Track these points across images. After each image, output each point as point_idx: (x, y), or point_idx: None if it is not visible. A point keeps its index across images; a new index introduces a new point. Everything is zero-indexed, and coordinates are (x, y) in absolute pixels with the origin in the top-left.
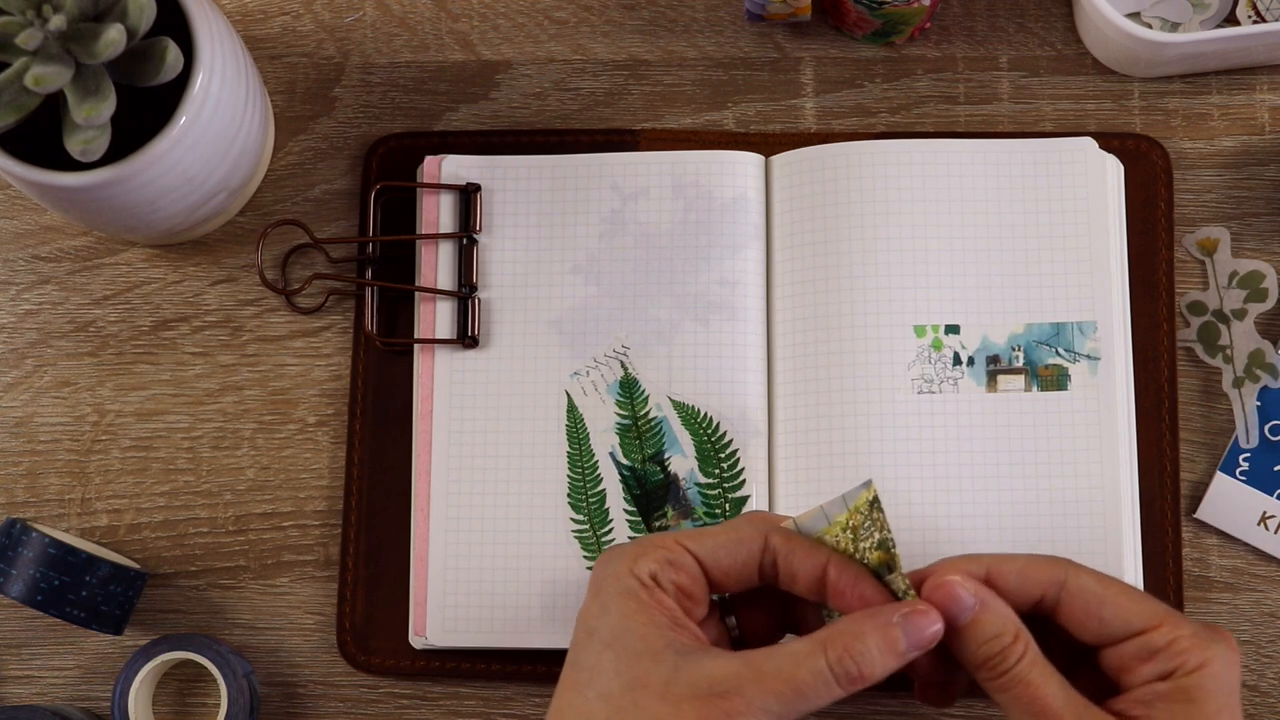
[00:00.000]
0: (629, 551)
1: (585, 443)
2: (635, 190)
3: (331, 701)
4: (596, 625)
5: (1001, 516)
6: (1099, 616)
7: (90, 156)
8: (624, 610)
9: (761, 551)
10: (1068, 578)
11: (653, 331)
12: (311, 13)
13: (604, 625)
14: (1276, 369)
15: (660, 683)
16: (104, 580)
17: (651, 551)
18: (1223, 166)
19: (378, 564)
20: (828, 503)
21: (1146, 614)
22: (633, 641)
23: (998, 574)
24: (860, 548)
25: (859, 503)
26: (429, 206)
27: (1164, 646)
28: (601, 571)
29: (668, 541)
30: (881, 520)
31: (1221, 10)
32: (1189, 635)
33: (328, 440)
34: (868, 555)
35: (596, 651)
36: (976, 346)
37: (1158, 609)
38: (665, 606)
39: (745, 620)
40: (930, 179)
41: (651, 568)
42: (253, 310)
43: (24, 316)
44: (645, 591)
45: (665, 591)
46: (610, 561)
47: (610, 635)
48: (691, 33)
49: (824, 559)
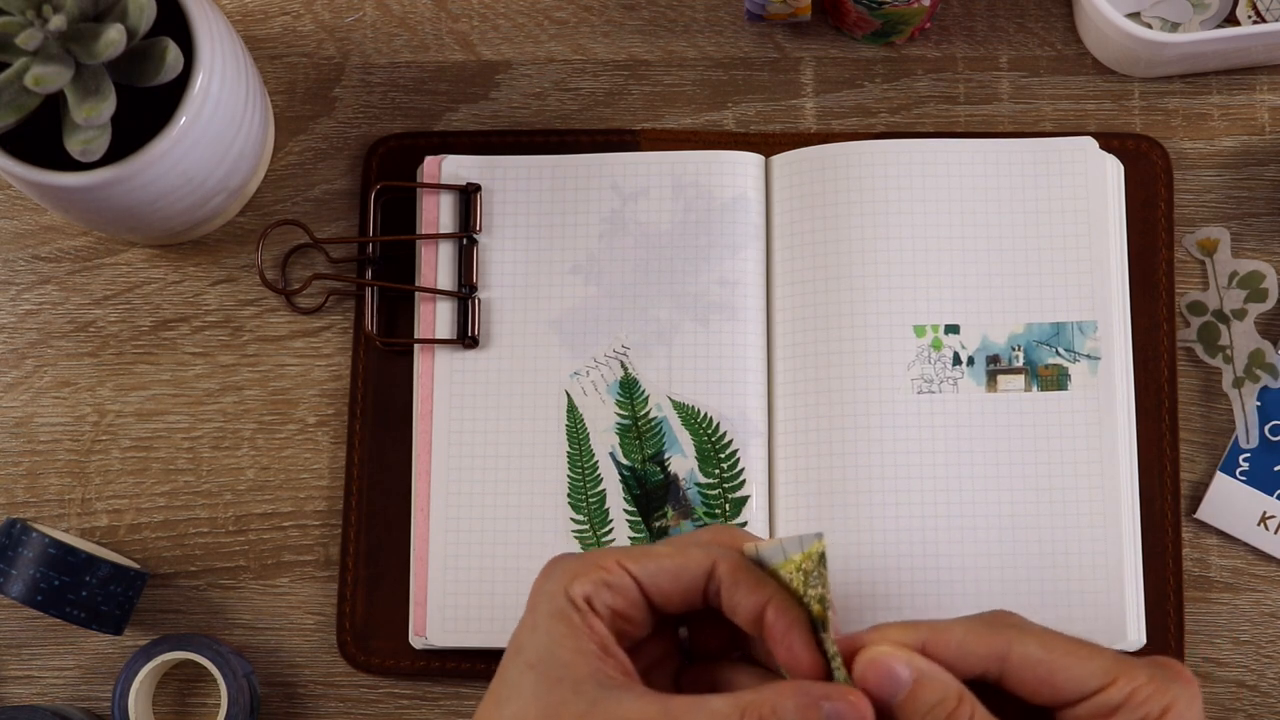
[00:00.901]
0: (569, 569)
1: (585, 443)
2: (635, 190)
3: (331, 701)
4: (525, 643)
5: (1001, 517)
6: (1050, 684)
7: (90, 156)
8: (553, 632)
9: (707, 578)
10: (1010, 649)
11: (653, 331)
12: (311, 13)
13: (531, 644)
14: (1276, 369)
15: (574, 716)
16: (104, 580)
17: (589, 572)
18: (1223, 166)
19: (378, 564)
20: (788, 540)
21: (1099, 672)
22: (556, 667)
23: (935, 646)
24: (808, 594)
25: (811, 550)
26: (429, 206)
27: (1124, 701)
28: (539, 587)
29: (608, 562)
30: (824, 577)
31: (1221, 10)
32: (1146, 683)
33: (328, 440)
34: (812, 604)
35: (520, 670)
36: (976, 346)
37: (1109, 663)
38: (596, 632)
39: (697, 632)
40: (930, 179)
41: (587, 589)
42: (253, 310)
43: (24, 316)
44: (578, 615)
45: (599, 615)
46: (549, 577)
47: (535, 656)
48: (691, 33)
49: (765, 599)
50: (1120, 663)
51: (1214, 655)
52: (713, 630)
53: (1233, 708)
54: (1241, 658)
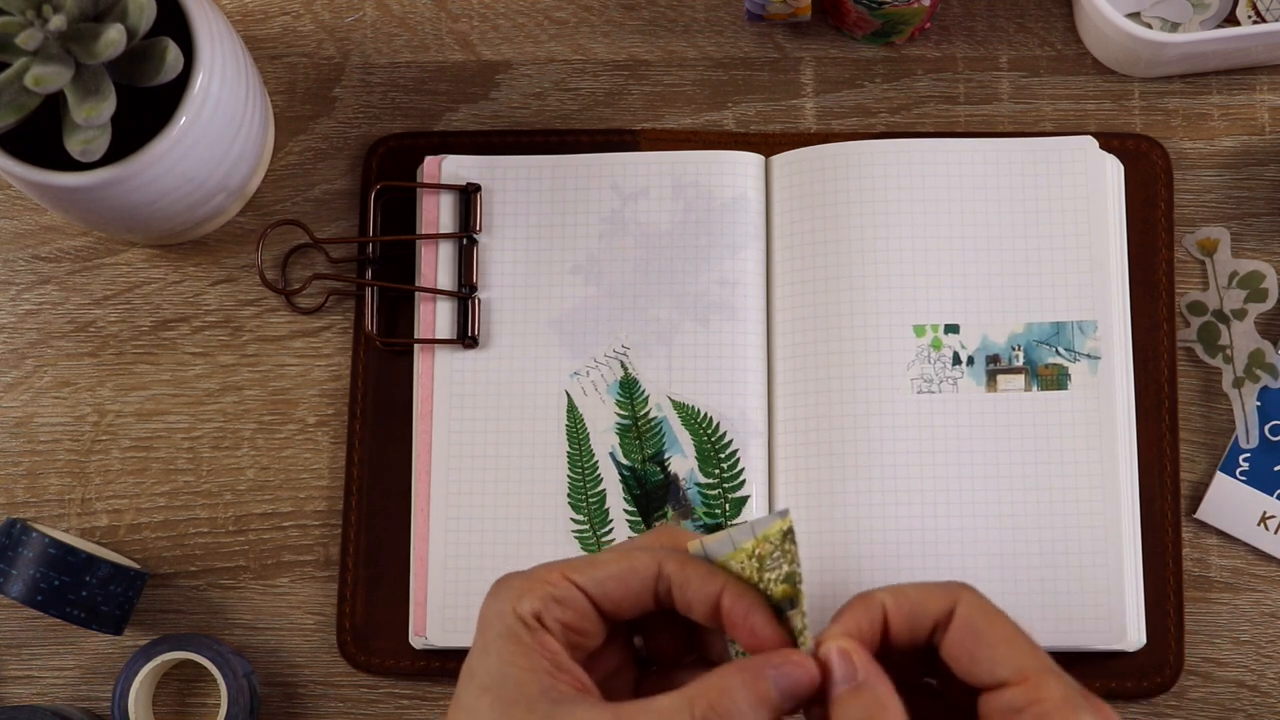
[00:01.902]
0: (515, 587)
1: (585, 443)
2: (635, 190)
3: (331, 701)
4: (476, 667)
5: (1001, 516)
6: (972, 655)
7: (90, 156)
8: (503, 654)
9: (655, 579)
10: (958, 605)
11: (653, 331)
12: (311, 13)
13: (483, 668)
14: (1276, 369)
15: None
16: (104, 580)
17: (536, 588)
18: (1223, 166)
19: (378, 564)
20: (735, 529)
21: (1016, 666)
22: (509, 689)
23: (894, 609)
24: (765, 578)
25: (769, 531)
26: (429, 206)
27: (1025, 706)
28: (487, 609)
29: (554, 576)
30: (793, 553)
31: (1221, 10)
32: (1056, 699)
33: (328, 440)
34: (771, 587)
35: (475, 695)
36: (976, 346)
37: (1030, 663)
38: (548, 649)
39: (652, 640)
40: (930, 179)
41: (535, 606)
42: (253, 310)
43: (24, 316)
44: (528, 633)
45: (550, 631)
46: (496, 597)
47: (488, 679)
48: (691, 33)
49: (719, 587)
50: (1042, 670)
51: (1214, 655)
52: (668, 634)
53: (1233, 708)
54: (1241, 658)
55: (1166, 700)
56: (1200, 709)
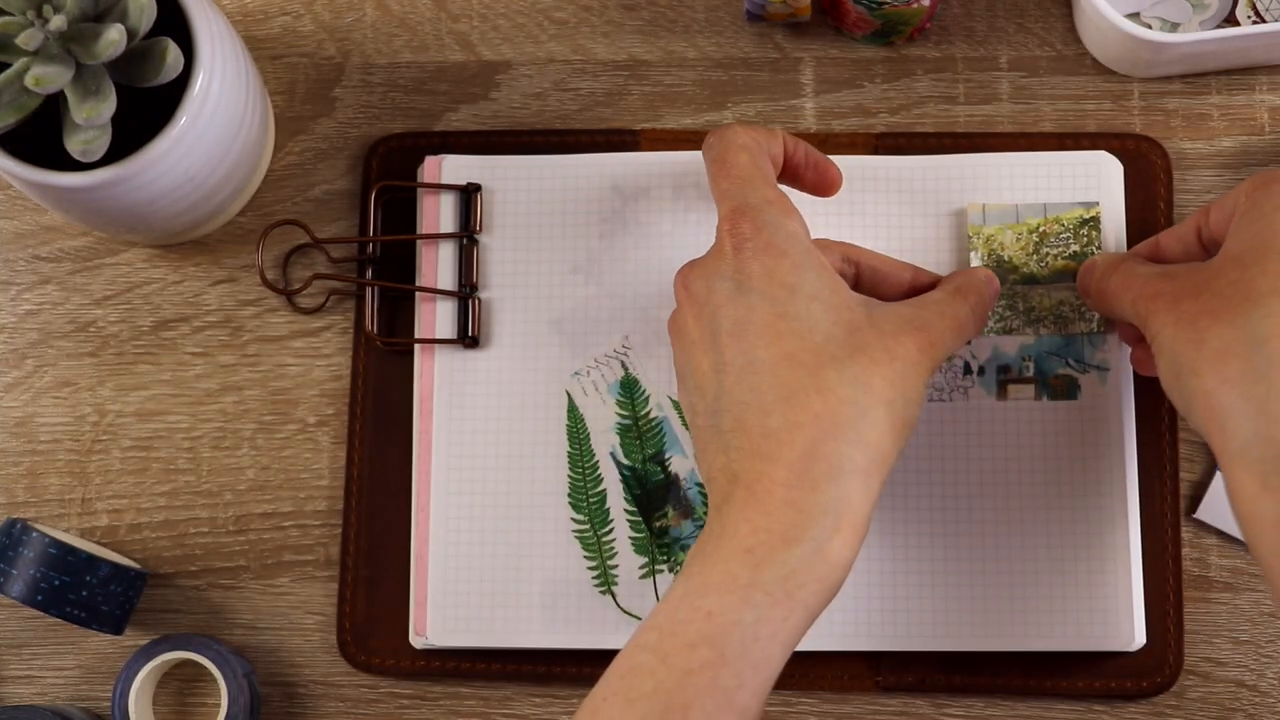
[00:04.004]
0: (792, 212)
1: (586, 442)
2: (635, 190)
3: (331, 701)
4: (797, 281)
5: (1009, 522)
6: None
7: (90, 157)
8: (817, 267)
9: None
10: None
11: (653, 331)
12: (311, 13)
13: (805, 281)
14: None
15: (870, 324)
16: (104, 580)
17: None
18: (1223, 167)
19: (378, 564)
20: (1026, 206)
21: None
22: (831, 295)
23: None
24: (1043, 253)
25: (1067, 216)
26: (429, 206)
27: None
28: (775, 233)
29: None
30: (1094, 238)
31: (1221, 10)
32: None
33: (328, 440)
34: (1046, 262)
35: (804, 303)
36: (987, 356)
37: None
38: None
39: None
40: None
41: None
42: (253, 310)
43: (24, 317)
44: (823, 255)
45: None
46: (783, 220)
47: (813, 290)
48: (691, 33)
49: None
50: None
51: (1213, 655)
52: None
53: (1233, 708)
54: (1241, 657)
55: (1166, 700)
56: (1200, 709)
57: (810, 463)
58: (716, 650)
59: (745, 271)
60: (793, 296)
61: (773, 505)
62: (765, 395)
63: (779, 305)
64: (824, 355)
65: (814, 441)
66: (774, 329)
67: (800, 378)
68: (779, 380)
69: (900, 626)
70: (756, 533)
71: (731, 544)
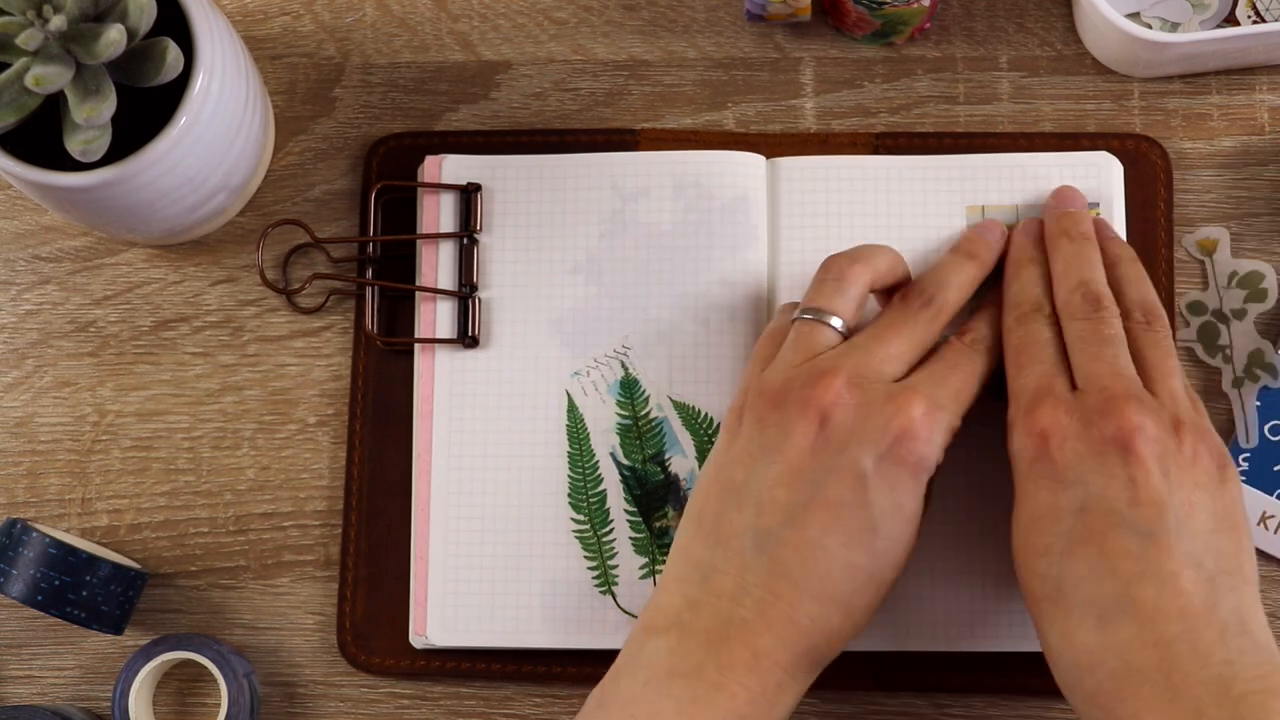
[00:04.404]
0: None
1: (586, 443)
2: (636, 190)
3: (331, 701)
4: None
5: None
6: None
7: (90, 157)
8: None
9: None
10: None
11: (653, 331)
12: (311, 13)
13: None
14: (1276, 369)
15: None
16: (104, 580)
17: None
18: (1222, 166)
19: (378, 564)
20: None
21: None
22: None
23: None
24: None
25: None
26: (429, 206)
27: None
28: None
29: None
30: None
31: (1221, 10)
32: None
33: (328, 440)
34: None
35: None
36: None
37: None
38: None
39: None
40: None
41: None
42: (253, 310)
43: (24, 317)
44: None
45: None
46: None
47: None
48: (691, 33)
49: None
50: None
51: None
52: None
53: None
54: None
55: None
56: None
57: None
58: None
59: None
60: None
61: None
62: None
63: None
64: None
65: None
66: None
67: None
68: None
69: (900, 626)
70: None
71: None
